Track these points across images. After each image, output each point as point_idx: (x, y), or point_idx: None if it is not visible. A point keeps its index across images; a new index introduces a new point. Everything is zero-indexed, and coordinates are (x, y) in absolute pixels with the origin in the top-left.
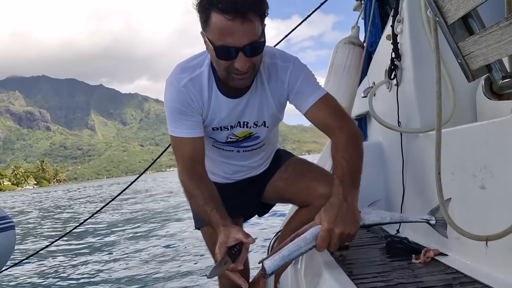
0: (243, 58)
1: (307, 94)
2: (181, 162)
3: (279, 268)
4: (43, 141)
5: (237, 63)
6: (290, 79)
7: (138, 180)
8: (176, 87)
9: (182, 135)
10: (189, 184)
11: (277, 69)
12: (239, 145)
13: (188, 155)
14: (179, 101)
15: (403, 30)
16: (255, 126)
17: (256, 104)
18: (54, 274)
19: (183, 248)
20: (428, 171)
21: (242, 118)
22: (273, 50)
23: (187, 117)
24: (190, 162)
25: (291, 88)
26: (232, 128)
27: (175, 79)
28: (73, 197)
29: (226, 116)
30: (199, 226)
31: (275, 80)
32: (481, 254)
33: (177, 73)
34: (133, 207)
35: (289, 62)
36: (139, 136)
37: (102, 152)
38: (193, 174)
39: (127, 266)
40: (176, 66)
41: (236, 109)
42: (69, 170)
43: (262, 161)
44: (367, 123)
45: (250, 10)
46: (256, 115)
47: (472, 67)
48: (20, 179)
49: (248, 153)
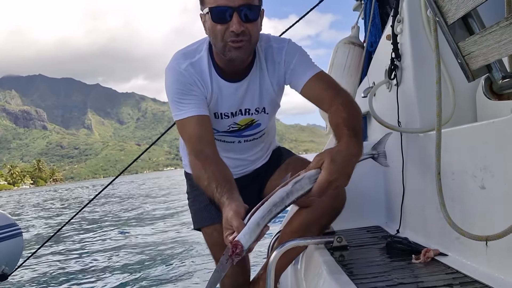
0: (238, 19)
1: (302, 71)
2: (188, 144)
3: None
4: (40, 140)
5: (232, 26)
6: (286, 58)
7: (136, 180)
8: (177, 70)
9: (187, 115)
10: (194, 165)
11: (272, 51)
12: (241, 134)
13: (196, 134)
14: (180, 82)
15: (403, 30)
16: (257, 113)
17: (257, 88)
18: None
19: (185, 248)
20: (428, 171)
21: (243, 105)
22: (268, 35)
23: (190, 97)
24: (198, 142)
25: (287, 67)
26: (233, 116)
27: (175, 64)
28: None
29: (227, 101)
30: (198, 227)
31: (271, 62)
32: (481, 254)
33: (177, 59)
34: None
35: (283, 43)
36: (136, 136)
37: (99, 151)
38: (200, 155)
39: (127, 266)
40: (175, 54)
41: (236, 93)
42: (65, 170)
43: (262, 153)
44: (367, 123)
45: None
46: (258, 101)
47: (472, 67)
48: (17, 178)
49: (249, 144)
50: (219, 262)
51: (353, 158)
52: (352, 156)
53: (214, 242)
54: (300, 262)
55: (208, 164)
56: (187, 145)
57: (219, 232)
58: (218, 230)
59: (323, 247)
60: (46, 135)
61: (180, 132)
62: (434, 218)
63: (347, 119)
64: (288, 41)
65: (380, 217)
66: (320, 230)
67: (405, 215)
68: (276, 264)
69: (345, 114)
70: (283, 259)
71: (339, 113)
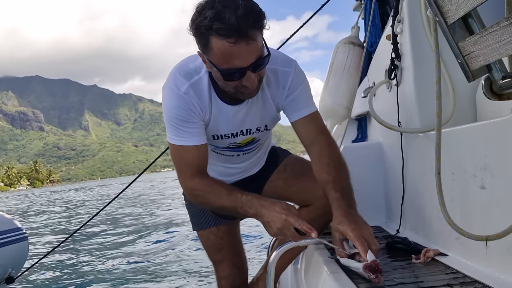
0: (251, 75)
1: (301, 104)
2: (185, 169)
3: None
4: (37, 141)
5: (246, 81)
6: (291, 85)
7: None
8: (177, 94)
9: (187, 143)
10: (203, 185)
11: (277, 75)
12: (241, 149)
13: (195, 162)
14: (181, 109)
15: (403, 30)
16: (258, 132)
17: (259, 110)
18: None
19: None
20: (428, 171)
21: (244, 126)
22: (272, 53)
23: (190, 125)
24: (197, 168)
25: (289, 94)
26: (234, 136)
27: (175, 85)
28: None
29: (227, 124)
30: (195, 229)
31: (275, 85)
32: (481, 254)
33: (175, 79)
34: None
35: (290, 67)
36: (133, 137)
37: (96, 152)
38: (203, 176)
39: (126, 266)
40: (173, 71)
41: (237, 116)
42: (62, 171)
43: (259, 160)
44: (367, 123)
45: (251, 28)
46: (259, 121)
47: (472, 67)
48: (13, 179)
49: (247, 155)
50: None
51: (358, 216)
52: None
53: (210, 244)
54: (300, 262)
55: (216, 180)
56: (183, 170)
57: (215, 235)
58: (214, 233)
59: (323, 247)
60: (43, 136)
61: (174, 154)
62: (434, 218)
63: (337, 179)
64: (294, 66)
65: (380, 217)
66: (320, 230)
67: (405, 215)
68: (276, 264)
69: (335, 172)
70: (283, 259)
71: (329, 169)
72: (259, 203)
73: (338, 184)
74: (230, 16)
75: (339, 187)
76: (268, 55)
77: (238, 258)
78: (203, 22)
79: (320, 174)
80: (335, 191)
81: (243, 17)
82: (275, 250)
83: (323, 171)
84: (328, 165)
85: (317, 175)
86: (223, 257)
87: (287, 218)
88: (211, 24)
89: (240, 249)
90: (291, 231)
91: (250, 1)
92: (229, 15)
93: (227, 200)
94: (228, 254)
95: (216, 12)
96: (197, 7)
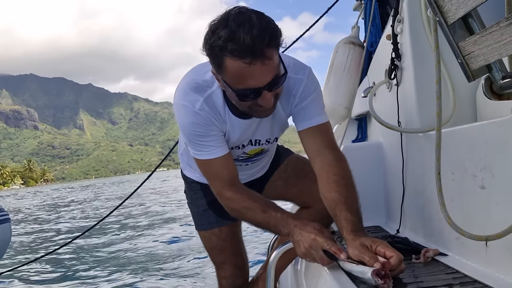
0: (267, 95)
1: (312, 114)
2: (215, 182)
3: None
4: (31, 140)
5: (262, 101)
6: (303, 93)
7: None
8: (191, 111)
9: (210, 157)
10: (238, 200)
11: (289, 81)
12: (250, 160)
13: (224, 174)
14: (198, 125)
15: (403, 30)
16: (267, 143)
17: (269, 122)
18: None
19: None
20: (428, 171)
21: (254, 137)
22: (284, 59)
23: (210, 138)
24: (228, 178)
25: (300, 101)
26: (243, 147)
27: (188, 102)
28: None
29: (240, 137)
30: (198, 229)
31: (287, 93)
32: (481, 254)
33: (187, 95)
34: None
35: (302, 75)
36: (128, 136)
37: (91, 151)
38: (237, 187)
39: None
40: (182, 87)
41: (248, 130)
42: (57, 170)
43: (264, 165)
44: (367, 123)
45: (266, 47)
46: (269, 133)
47: (472, 67)
48: (7, 178)
49: (255, 164)
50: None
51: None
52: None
53: (212, 246)
54: (300, 262)
55: (250, 193)
56: (215, 182)
57: (217, 237)
58: (216, 234)
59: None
60: (37, 135)
61: (202, 169)
62: (434, 218)
63: (348, 198)
64: (308, 73)
65: (380, 217)
66: None
67: (405, 215)
68: (276, 264)
69: (346, 191)
70: (283, 259)
71: (340, 188)
72: (293, 223)
73: (352, 205)
74: (245, 36)
75: (354, 209)
76: (285, 73)
77: (240, 259)
78: (217, 42)
79: (328, 192)
80: (350, 213)
81: (259, 36)
82: (275, 250)
83: (332, 189)
84: (337, 183)
85: (325, 192)
86: (225, 259)
87: (316, 238)
88: (225, 44)
89: (242, 250)
90: (319, 253)
91: (265, 17)
92: (244, 35)
93: (261, 217)
94: (230, 255)
95: (230, 31)
96: (210, 26)
